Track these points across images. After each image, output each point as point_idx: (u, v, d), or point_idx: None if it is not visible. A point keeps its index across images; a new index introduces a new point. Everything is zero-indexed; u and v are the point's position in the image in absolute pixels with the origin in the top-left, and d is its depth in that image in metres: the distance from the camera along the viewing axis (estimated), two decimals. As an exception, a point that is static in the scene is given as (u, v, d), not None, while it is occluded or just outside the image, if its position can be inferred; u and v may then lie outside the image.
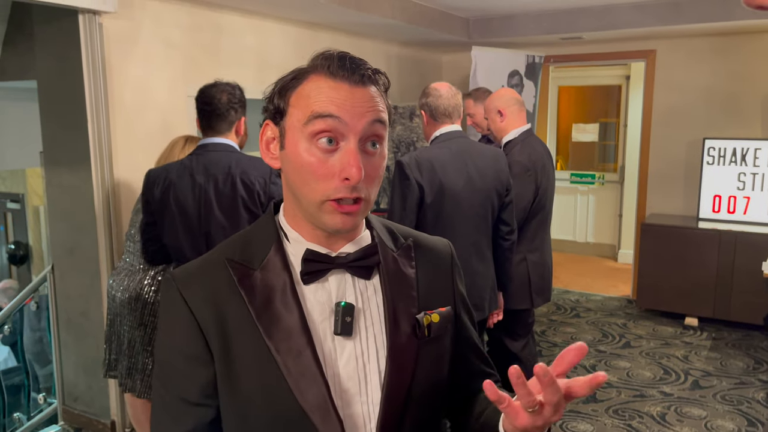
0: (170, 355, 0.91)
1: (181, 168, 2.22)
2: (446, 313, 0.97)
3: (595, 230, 7.32)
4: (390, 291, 0.93)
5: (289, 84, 0.88)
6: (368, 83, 0.87)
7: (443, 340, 0.97)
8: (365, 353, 0.90)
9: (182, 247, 2.21)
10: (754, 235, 4.62)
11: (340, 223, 0.86)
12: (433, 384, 0.94)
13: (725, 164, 4.95)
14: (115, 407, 3.25)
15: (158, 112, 3.31)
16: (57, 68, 3.09)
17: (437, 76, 6.05)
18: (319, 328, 0.88)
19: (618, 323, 4.97)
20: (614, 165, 7.21)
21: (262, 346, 0.86)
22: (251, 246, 0.92)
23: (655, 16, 4.65)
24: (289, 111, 0.87)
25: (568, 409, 3.50)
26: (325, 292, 0.90)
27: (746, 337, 4.64)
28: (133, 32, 3.16)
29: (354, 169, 0.82)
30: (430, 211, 2.41)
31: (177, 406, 0.90)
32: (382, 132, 0.87)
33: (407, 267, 0.97)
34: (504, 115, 2.91)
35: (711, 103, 5.21)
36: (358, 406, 0.88)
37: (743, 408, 3.51)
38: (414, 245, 1.00)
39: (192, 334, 0.88)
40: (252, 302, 0.87)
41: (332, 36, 4.61)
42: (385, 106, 0.89)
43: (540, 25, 5.07)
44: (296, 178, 0.86)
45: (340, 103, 0.84)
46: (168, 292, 0.92)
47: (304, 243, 0.91)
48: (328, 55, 0.87)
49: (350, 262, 0.90)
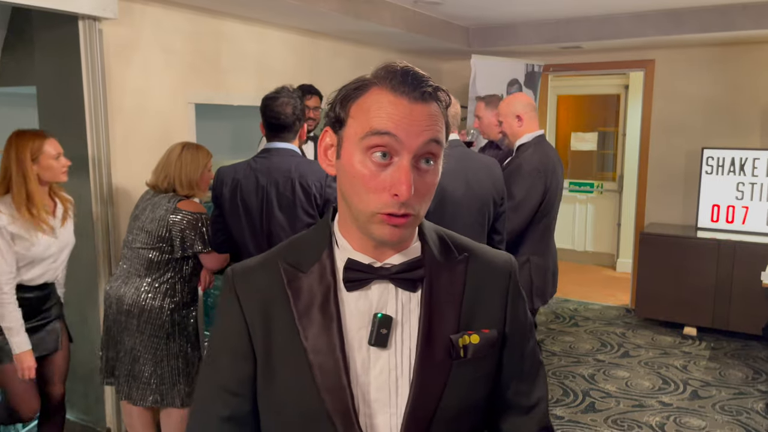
0: (218, 345, 0.96)
1: (247, 169, 2.39)
2: (490, 335, 0.94)
3: (594, 239, 7.32)
4: (429, 307, 0.92)
5: (351, 94, 0.89)
6: (429, 100, 0.87)
7: (484, 363, 0.94)
8: (398, 366, 0.90)
9: (246, 243, 2.40)
10: (753, 245, 4.62)
11: (388, 234, 0.86)
12: (466, 406, 0.93)
13: (724, 174, 4.96)
14: (111, 415, 3.23)
15: (158, 119, 3.31)
16: (56, 74, 3.09)
17: (437, 85, 6.06)
18: (355, 336, 0.90)
19: (617, 332, 4.96)
20: (613, 174, 7.22)
21: (299, 347, 0.90)
22: (305, 250, 0.96)
23: (654, 26, 4.67)
24: (348, 122, 0.88)
25: (567, 419, 3.49)
26: (367, 301, 0.91)
27: (745, 347, 4.63)
28: (133, 39, 3.16)
29: (404, 186, 0.83)
30: (431, 218, 2.41)
31: (217, 392, 0.95)
32: (437, 151, 0.88)
33: (455, 283, 0.95)
34: (522, 120, 3.00)
35: (710, 112, 5.22)
36: (386, 416, 0.89)
37: (742, 418, 3.49)
38: (469, 259, 0.98)
39: (239, 330, 0.93)
40: (296, 304, 0.91)
41: (332, 43, 4.62)
42: (443, 125, 0.89)
43: (539, 34, 5.09)
44: (349, 188, 0.88)
45: (398, 120, 0.84)
46: (225, 286, 0.97)
47: (350, 251, 0.92)
48: (392, 69, 0.87)
49: (393, 274, 0.90)
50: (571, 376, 4.09)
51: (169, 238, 2.58)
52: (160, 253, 2.60)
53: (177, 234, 2.57)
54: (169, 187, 2.66)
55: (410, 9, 4.40)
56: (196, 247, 2.59)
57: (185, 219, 2.58)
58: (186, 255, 2.62)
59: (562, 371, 4.16)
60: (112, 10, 2.91)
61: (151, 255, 2.60)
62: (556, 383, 3.97)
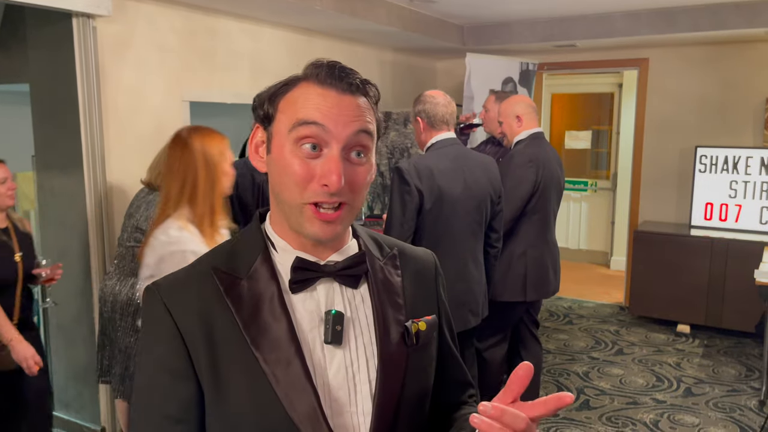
0: (152, 369, 0.88)
1: (244, 166, 2.39)
2: (432, 321, 0.98)
3: (588, 237, 7.34)
4: (379, 299, 0.92)
5: (279, 90, 0.89)
6: (357, 93, 0.87)
7: (429, 348, 0.98)
8: (355, 363, 0.89)
9: None
10: (746, 243, 4.64)
11: (321, 232, 0.86)
12: (421, 392, 0.94)
13: (717, 172, 4.98)
14: (105, 414, 3.22)
15: (152, 116, 3.29)
16: (50, 72, 3.07)
17: (431, 83, 6.07)
18: (308, 338, 0.87)
19: (611, 330, 4.98)
20: (607, 172, 7.24)
21: (250, 356, 0.84)
22: (238, 255, 0.91)
23: (648, 25, 4.68)
24: (277, 116, 0.88)
25: (561, 416, 3.50)
26: (313, 301, 0.89)
27: (738, 344, 4.65)
28: (127, 36, 3.15)
29: (334, 176, 0.82)
30: (428, 217, 2.43)
31: (158, 421, 0.86)
32: (368, 143, 0.87)
33: (394, 275, 0.97)
34: (522, 120, 3.10)
35: (703, 111, 5.24)
36: (348, 416, 0.87)
37: (735, 415, 3.52)
38: (399, 254, 1.00)
39: (174, 347, 0.86)
40: (239, 312, 0.86)
41: (327, 42, 4.61)
42: (373, 117, 0.89)
43: (534, 32, 5.10)
44: (279, 182, 0.87)
45: (326, 110, 0.84)
46: (151, 303, 0.89)
47: (292, 252, 0.90)
48: (319, 63, 0.88)
49: (339, 270, 0.90)
50: (566, 373, 4.10)
51: (164, 236, 2.58)
52: (154, 251, 2.60)
53: (172, 232, 2.57)
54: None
55: (405, 7, 4.40)
56: (191, 246, 2.58)
57: (180, 217, 2.57)
58: (181, 253, 2.61)
59: (556, 369, 4.17)
60: (106, 7, 2.89)
61: (144, 252, 2.59)
62: (550, 381, 3.98)
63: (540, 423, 3.40)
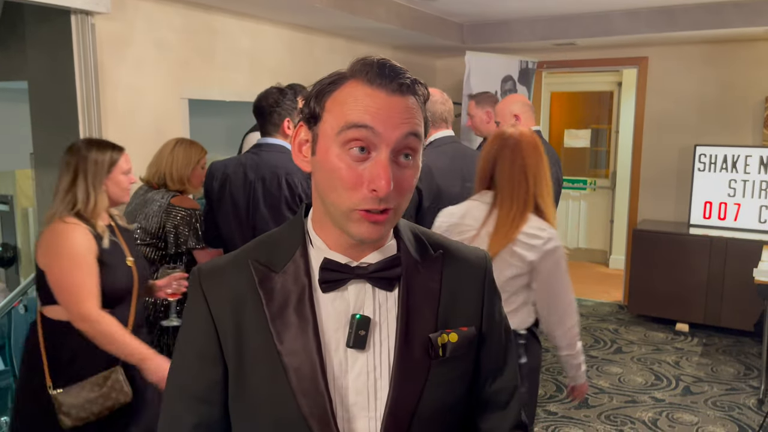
0: (185, 349, 0.92)
1: (237, 164, 2.37)
2: (468, 333, 0.92)
3: (587, 236, 7.34)
4: (407, 306, 0.89)
5: (326, 88, 0.86)
6: (407, 93, 0.84)
7: (462, 361, 0.93)
8: (377, 368, 0.88)
9: (234, 237, 2.38)
10: (745, 242, 4.64)
11: (366, 232, 0.84)
12: (444, 406, 0.91)
13: (716, 171, 4.98)
14: (104, 412, 3.21)
15: (151, 114, 3.29)
16: (48, 69, 3.06)
17: (431, 81, 6.06)
18: (332, 338, 0.87)
19: (609, 329, 4.98)
20: (606, 171, 7.24)
21: (273, 349, 0.86)
22: (277, 248, 0.92)
23: (647, 24, 4.68)
24: (324, 117, 0.85)
25: (560, 415, 3.50)
26: (343, 301, 0.88)
27: (737, 343, 4.66)
28: (126, 34, 3.14)
29: (383, 181, 0.80)
30: (427, 215, 2.43)
31: (185, 399, 0.91)
32: (416, 145, 0.85)
33: (431, 281, 0.92)
34: (519, 119, 3.10)
35: (702, 110, 5.24)
36: (365, 420, 0.87)
37: (734, 414, 3.52)
38: (444, 257, 0.95)
39: (206, 331, 0.89)
40: (269, 305, 0.87)
41: (326, 39, 4.60)
42: (421, 118, 0.86)
43: (534, 31, 5.09)
44: (325, 184, 0.85)
45: (375, 112, 0.81)
46: (192, 286, 0.93)
47: (326, 251, 0.89)
48: (368, 61, 0.84)
49: (370, 273, 0.88)
50: (564, 372, 4.10)
51: (163, 234, 2.57)
52: (153, 249, 2.59)
53: (171, 230, 2.56)
54: (161, 182, 2.66)
55: (405, 5, 4.39)
56: (189, 243, 2.58)
57: (179, 215, 2.57)
58: (180, 251, 2.61)
59: (555, 367, 4.17)
60: (104, 4, 2.89)
61: (145, 251, 2.59)
62: (549, 379, 3.98)
63: (539, 421, 3.40)
